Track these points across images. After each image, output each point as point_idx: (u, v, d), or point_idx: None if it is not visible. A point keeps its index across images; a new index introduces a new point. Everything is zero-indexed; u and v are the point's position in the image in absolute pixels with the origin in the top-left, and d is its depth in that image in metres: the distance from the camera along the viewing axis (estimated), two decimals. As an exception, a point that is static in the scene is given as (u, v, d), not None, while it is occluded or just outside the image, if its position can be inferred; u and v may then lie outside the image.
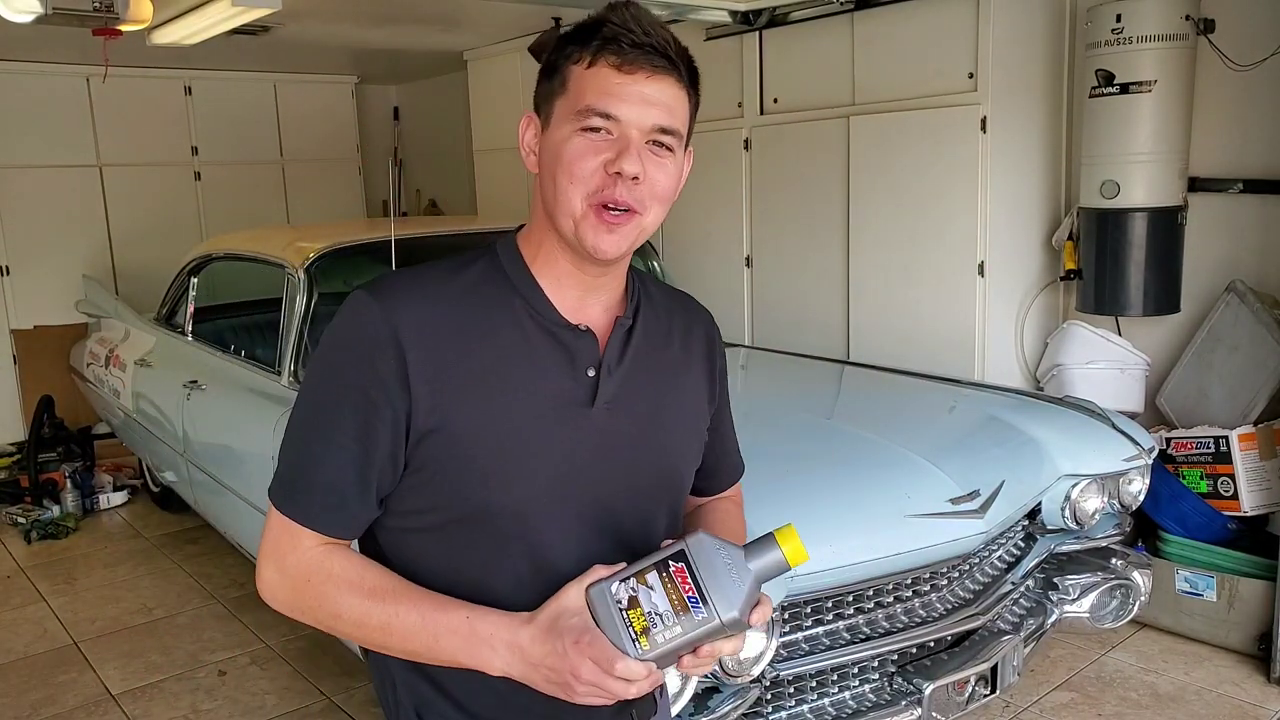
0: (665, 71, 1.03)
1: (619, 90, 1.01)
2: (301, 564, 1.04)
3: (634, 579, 0.95)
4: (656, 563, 0.96)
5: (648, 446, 1.13)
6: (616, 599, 0.94)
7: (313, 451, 1.04)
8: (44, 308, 5.81)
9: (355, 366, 1.03)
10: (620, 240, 1.04)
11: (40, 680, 3.38)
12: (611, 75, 1.01)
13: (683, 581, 0.95)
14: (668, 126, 1.04)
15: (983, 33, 3.69)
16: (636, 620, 0.94)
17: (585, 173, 1.01)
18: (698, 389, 1.23)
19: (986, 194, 3.75)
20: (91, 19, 3.43)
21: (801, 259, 4.47)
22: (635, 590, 0.95)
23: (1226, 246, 3.56)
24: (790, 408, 3.08)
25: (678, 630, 0.94)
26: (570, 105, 1.02)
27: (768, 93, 4.55)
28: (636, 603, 0.94)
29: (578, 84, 1.02)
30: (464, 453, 1.03)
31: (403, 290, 1.06)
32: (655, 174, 1.04)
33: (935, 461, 2.43)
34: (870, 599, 2.27)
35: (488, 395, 1.03)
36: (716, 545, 0.96)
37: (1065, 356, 3.73)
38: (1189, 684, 3.10)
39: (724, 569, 0.95)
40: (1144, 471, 2.80)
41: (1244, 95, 3.45)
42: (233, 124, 6.50)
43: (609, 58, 1.01)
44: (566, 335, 1.08)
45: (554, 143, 1.04)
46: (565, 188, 1.02)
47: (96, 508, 5.12)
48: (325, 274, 3.33)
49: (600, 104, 1.00)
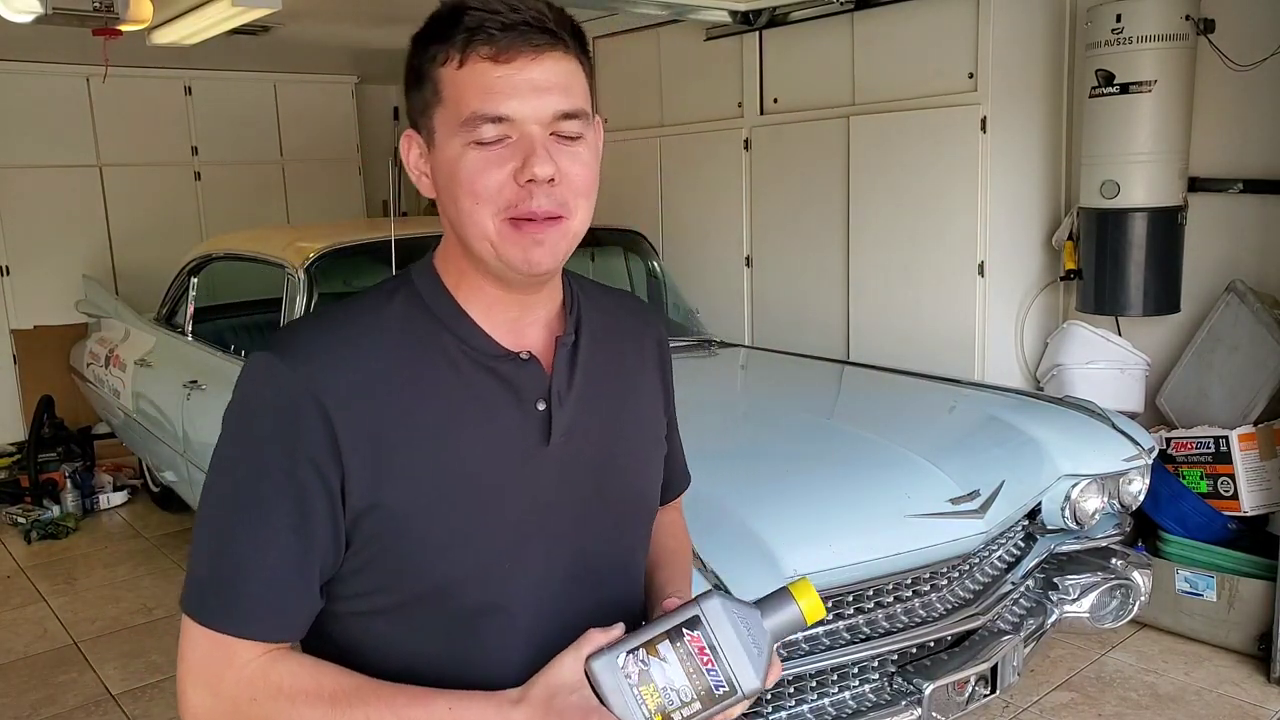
0: (549, 47, 0.88)
1: (503, 85, 0.87)
2: (242, 682, 0.87)
3: (643, 649, 0.85)
4: (668, 631, 0.86)
5: (614, 474, 1.03)
6: (626, 673, 0.84)
7: (239, 550, 0.88)
8: (44, 308, 5.80)
9: (275, 443, 0.88)
10: (551, 250, 0.91)
11: (40, 680, 3.38)
12: (489, 70, 0.87)
13: (700, 652, 0.85)
14: (569, 110, 0.89)
15: (983, 33, 3.69)
16: (650, 698, 0.84)
17: (491, 189, 0.88)
18: (653, 397, 1.13)
19: (986, 194, 3.75)
20: (91, 19, 3.43)
21: (801, 259, 4.47)
22: (646, 663, 0.84)
23: (1226, 246, 3.56)
24: (790, 408, 3.08)
25: (697, 708, 0.85)
26: (453, 116, 0.89)
27: (768, 93, 4.55)
28: (649, 678, 0.84)
29: (454, 89, 0.88)
30: (413, 524, 0.90)
31: (316, 345, 0.91)
32: (570, 168, 0.90)
33: (935, 461, 2.43)
34: (870, 599, 2.27)
35: (431, 454, 0.91)
36: (732, 607, 0.87)
37: (1065, 356, 3.73)
38: (1189, 684, 3.10)
39: (742, 634, 0.86)
40: (1144, 471, 2.80)
41: (1244, 95, 3.45)
42: (233, 124, 6.49)
43: (481, 49, 0.87)
44: (507, 367, 0.95)
45: (446, 162, 0.90)
46: (471, 210, 0.89)
47: (96, 508, 5.12)
48: (325, 274, 3.33)
49: (486, 107, 0.87)
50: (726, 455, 2.54)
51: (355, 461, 0.88)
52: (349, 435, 0.88)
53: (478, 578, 0.93)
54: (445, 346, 0.94)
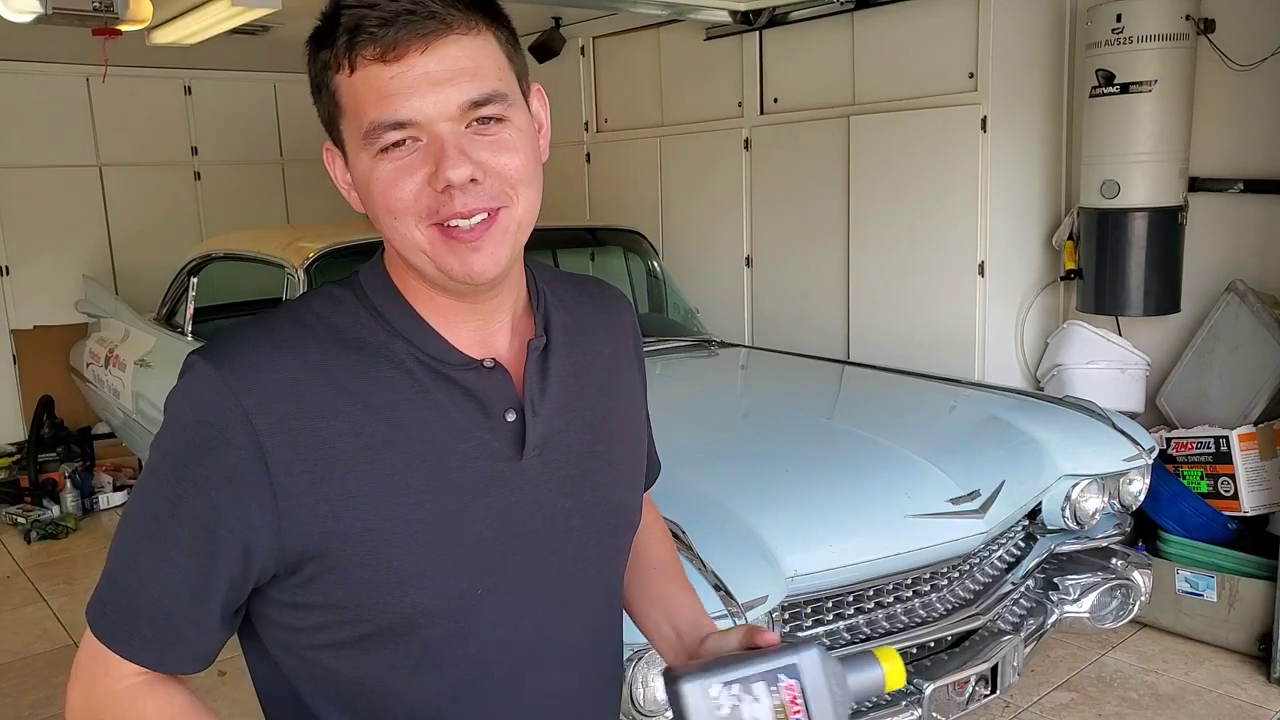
0: (441, 33, 0.78)
1: (396, 86, 0.77)
2: (110, 694, 0.83)
3: (739, 685, 0.81)
4: (765, 673, 0.83)
5: (594, 487, 0.94)
6: (718, 703, 0.80)
7: (139, 566, 0.83)
8: (44, 308, 5.80)
9: (196, 460, 0.80)
10: (496, 252, 0.82)
11: (40, 680, 3.37)
12: (379, 71, 0.78)
13: (792, 701, 0.82)
14: (479, 97, 0.79)
15: (983, 33, 3.69)
16: None
17: (407, 199, 0.80)
18: (632, 392, 1.04)
19: (986, 194, 3.75)
20: (91, 19, 3.43)
21: (801, 259, 4.47)
22: (739, 699, 0.81)
23: (1226, 246, 3.56)
24: (790, 408, 3.08)
25: None
26: (355, 128, 0.81)
27: (768, 93, 4.55)
28: (739, 714, 0.80)
29: (350, 98, 0.80)
30: (371, 553, 0.81)
31: (253, 354, 0.82)
32: (495, 159, 0.80)
33: (935, 461, 2.43)
34: (870, 599, 2.27)
35: (387, 475, 0.82)
36: (828, 664, 0.85)
37: (1065, 356, 3.73)
38: (1189, 684, 3.10)
39: (834, 691, 0.84)
40: (1144, 471, 2.80)
41: (1244, 95, 3.45)
42: (233, 124, 6.49)
43: (366, 50, 0.78)
44: (469, 376, 0.86)
45: (361, 178, 0.83)
46: (393, 224, 0.81)
47: (96, 508, 5.12)
48: (325, 274, 3.33)
49: (384, 114, 0.78)
50: (727, 455, 2.54)
51: (296, 487, 0.79)
52: (287, 458, 0.79)
53: (447, 607, 0.85)
54: (399, 356, 0.85)
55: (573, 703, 0.96)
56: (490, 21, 0.82)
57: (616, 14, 4.64)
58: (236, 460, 0.79)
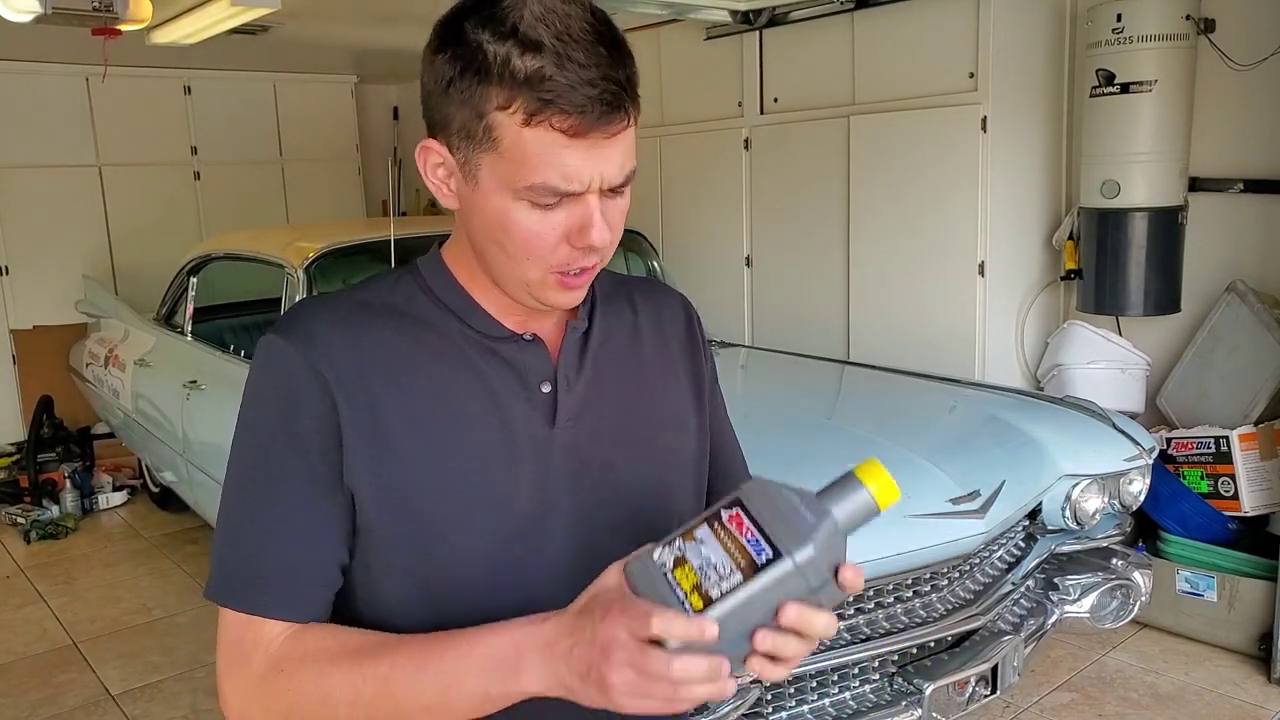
0: (623, 126, 0.84)
1: (574, 161, 0.82)
2: (271, 659, 0.86)
3: (680, 539, 0.76)
4: (706, 516, 0.76)
5: (628, 463, 0.98)
6: (660, 563, 0.75)
7: (257, 533, 0.89)
8: (44, 308, 5.80)
9: (282, 424, 0.88)
10: (583, 292, 0.92)
11: (40, 680, 3.37)
12: (560, 141, 0.81)
13: (739, 526, 0.74)
14: (624, 180, 0.87)
15: (983, 33, 3.69)
16: (685, 579, 0.72)
17: (546, 249, 0.86)
18: (680, 386, 1.06)
19: (986, 194, 3.75)
20: (91, 19, 3.43)
21: (801, 259, 4.46)
22: (682, 549, 0.74)
23: (1227, 246, 3.56)
24: (790, 408, 3.08)
25: (738, 579, 0.71)
26: (512, 173, 0.83)
27: (768, 93, 4.55)
28: (684, 562, 0.74)
29: (517, 149, 0.81)
30: (414, 505, 0.89)
31: (319, 326, 0.90)
32: (617, 223, 0.89)
33: (935, 461, 2.43)
34: (870, 599, 2.27)
35: (431, 434, 0.89)
36: (780, 487, 0.76)
37: (1065, 356, 3.73)
38: (1189, 684, 3.10)
39: (792, 507, 0.74)
40: (1144, 471, 2.80)
41: (1244, 95, 3.45)
42: (232, 124, 6.49)
43: (554, 119, 0.80)
44: (510, 348, 0.93)
45: (491, 209, 0.86)
46: (520, 261, 0.87)
47: (96, 508, 5.12)
48: (325, 274, 3.33)
49: (556, 182, 0.82)
50: (726, 455, 2.54)
51: (354, 438, 0.87)
52: (348, 411, 0.87)
53: (481, 565, 0.90)
54: (448, 330, 0.93)
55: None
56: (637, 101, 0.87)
57: (616, 14, 4.64)
58: (317, 415, 0.87)
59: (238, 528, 0.90)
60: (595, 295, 1.01)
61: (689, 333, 1.09)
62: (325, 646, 0.85)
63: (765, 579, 0.70)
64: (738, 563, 0.72)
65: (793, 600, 0.71)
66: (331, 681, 0.83)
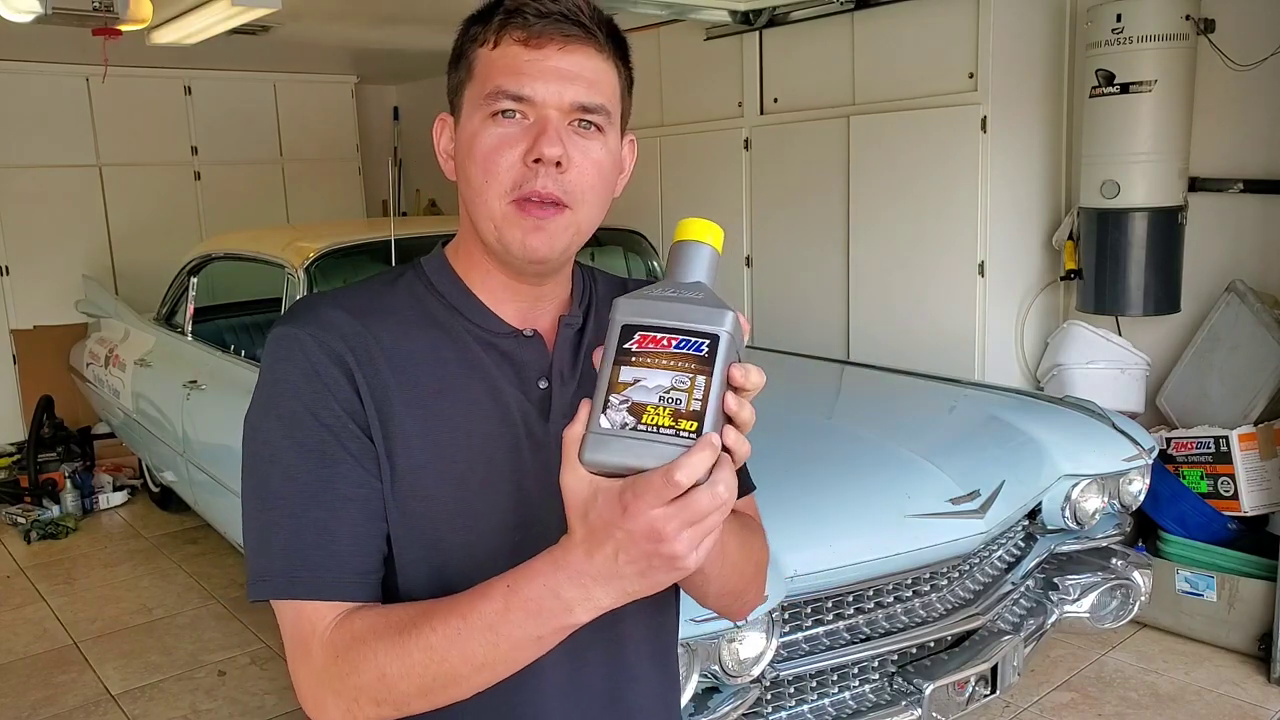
0: (580, 41, 0.91)
1: (529, 67, 0.89)
2: (327, 644, 0.86)
3: (609, 396, 0.71)
4: (614, 361, 0.72)
5: None
6: (616, 431, 0.70)
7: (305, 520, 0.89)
8: (44, 308, 5.80)
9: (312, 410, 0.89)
10: (551, 239, 0.91)
11: (40, 680, 3.37)
12: (519, 52, 0.90)
13: (655, 343, 0.72)
14: (589, 103, 0.90)
15: (983, 33, 3.69)
16: (658, 417, 0.70)
17: (501, 167, 0.90)
18: None
19: (986, 194, 3.75)
20: (91, 19, 3.43)
21: (801, 259, 4.47)
22: (629, 398, 0.71)
23: (1226, 246, 3.56)
24: (790, 408, 3.08)
25: (701, 381, 0.71)
26: (478, 91, 0.92)
27: (768, 93, 4.55)
28: (639, 408, 0.70)
29: (484, 68, 0.92)
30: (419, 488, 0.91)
31: (332, 314, 0.93)
32: (583, 159, 0.91)
33: (935, 461, 2.43)
34: (870, 599, 2.27)
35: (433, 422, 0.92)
36: (640, 293, 0.75)
37: (1065, 356, 3.73)
38: (1189, 684, 3.10)
39: (675, 296, 0.74)
40: (1144, 471, 2.80)
41: (1244, 95, 3.45)
42: (232, 124, 6.50)
43: (514, 32, 0.90)
44: (509, 343, 0.96)
45: (466, 137, 0.93)
46: (481, 186, 0.91)
47: (96, 508, 5.12)
48: (325, 274, 3.33)
49: (509, 84, 0.89)
50: (726, 455, 2.54)
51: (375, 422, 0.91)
52: (368, 395, 0.91)
53: (487, 547, 0.91)
54: (451, 325, 0.96)
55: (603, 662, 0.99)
56: (620, 59, 0.96)
57: (616, 14, 4.63)
58: (346, 396, 0.90)
59: (272, 523, 0.90)
60: (593, 295, 1.04)
61: None
62: (372, 625, 0.85)
63: (719, 363, 0.72)
64: (687, 368, 0.71)
65: (734, 364, 0.73)
66: (383, 659, 0.82)
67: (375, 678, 0.83)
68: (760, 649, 2.00)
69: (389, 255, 3.11)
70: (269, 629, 3.65)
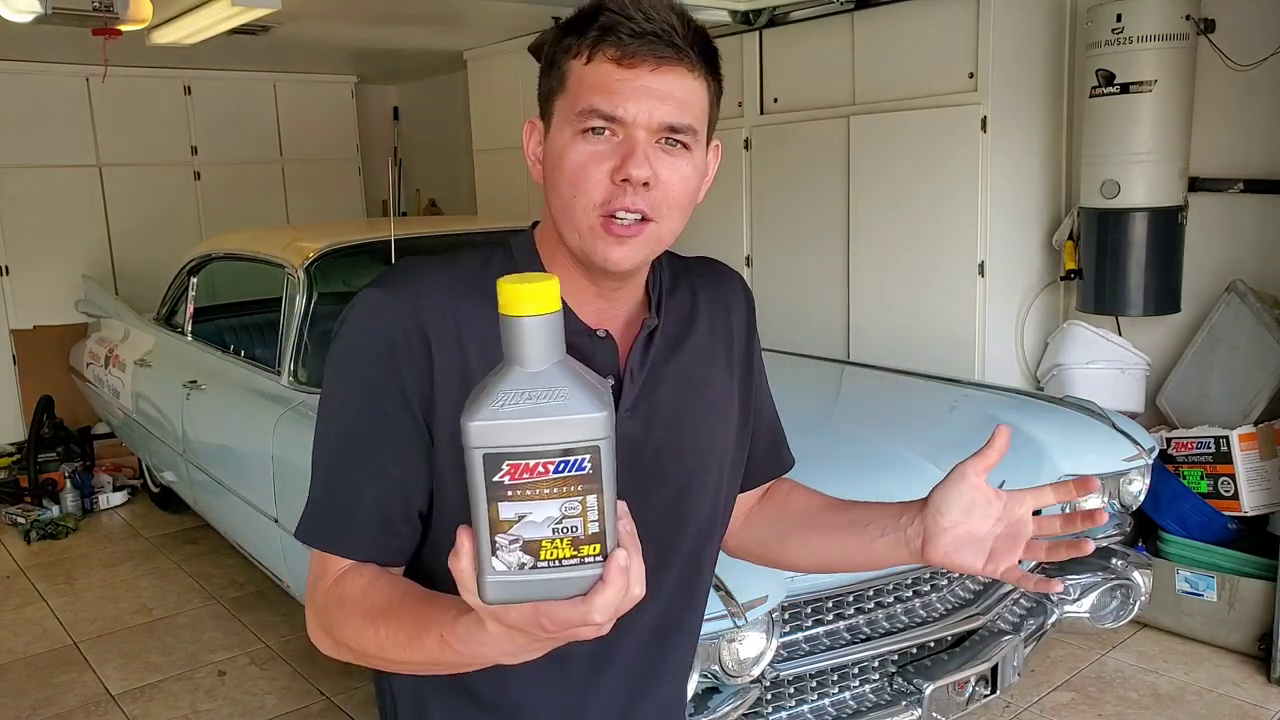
0: (673, 62, 0.91)
1: (620, 87, 0.90)
2: (325, 592, 0.93)
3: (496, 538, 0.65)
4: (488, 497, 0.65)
5: (676, 448, 1.04)
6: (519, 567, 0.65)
7: (343, 480, 0.95)
8: (44, 308, 5.81)
9: (382, 381, 0.93)
10: (633, 251, 0.94)
11: (40, 680, 3.37)
12: (611, 70, 0.91)
13: (529, 471, 0.64)
14: (677, 124, 0.92)
15: (983, 33, 3.69)
16: (557, 550, 0.65)
17: (590, 182, 0.92)
18: (727, 371, 1.14)
19: (986, 194, 3.75)
20: (91, 19, 3.43)
21: (801, 259, 4.46)
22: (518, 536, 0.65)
23: (1226, 246, 3.56)
24: (790, 408, 3.07)
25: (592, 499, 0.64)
26: (569, 106, 0.93)
27: (768, 93, 4.55)
28: (535, 545, 0.65)
29: (577, 81, 0.93)
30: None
31: (424, 284, 0.96)
32: (669, 175, 0.93)
33: (935, 461, 2.43)
34: (870, 599, 2.27)
35: None
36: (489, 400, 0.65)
37: (1065, 356, 3.73)
38: (1189, 684, 3.10)
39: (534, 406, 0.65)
40: (1144, 471, 2.80)
41: (1244, 95, 3.45)
42: (233, 124, 6.50)
43: (607, 50, 0.91)
44: (583, 341, 0.98)
45: (556, 149, 0.95)
46: (570, 200, 0.93)
47: (96, 508, 5.12)
48: (325, 274, 3.33)
49: (601, 103, 0.90)
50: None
51: (444, 401, 0.92)
52: (443, 374, 0.92)
53: None
54: None
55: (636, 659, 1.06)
56: (711, 75, 0.96)
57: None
58: (417, 374, 0.92)
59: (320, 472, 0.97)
60: (663, 290, 1.07)
61: (749, 319, 1.19)
62: (354, 598, 0.90)
63: (606, 473, 0.65)
64: (574, 491, 0.64)
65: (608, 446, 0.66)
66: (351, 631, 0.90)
67: (348, 637, 0.90)
68: (760, 649, 2.00)
69: (389, 255, 3.11)
70: (269, 629, 3.65)
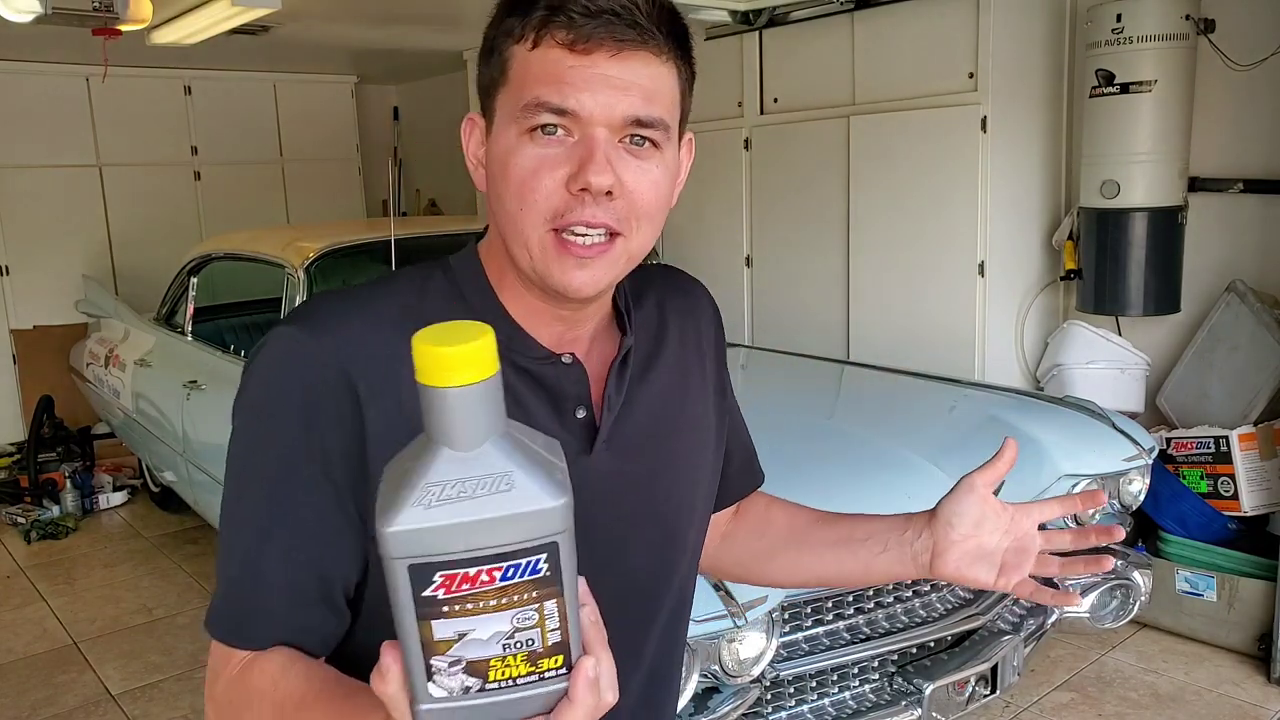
0: (636, 45, 0.76)
1: (573, 75, 0.75)
2: (229, 690, 0.78)
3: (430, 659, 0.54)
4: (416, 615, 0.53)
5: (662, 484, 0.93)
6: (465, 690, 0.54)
7: (251, 559, 0.79)
8: (44, 308, 5.80)
9: (298, 440, 0.77)
10: (597, 275, 0.79)
11: (40, 680, 3.37)
12: (562, 57, 0.75)
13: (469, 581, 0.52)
14: (645, 117, 0.78)
15: (983, 33, 3.69)
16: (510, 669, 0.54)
17: (540, 194, 0.76)
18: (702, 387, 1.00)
19: (986, 194, 3.75)
20: (91, 19, 3.43)
21: (801, 259, 4.47)
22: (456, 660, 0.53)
23: (1226, 246, 3.56)
24: (790, 408, 3.08)
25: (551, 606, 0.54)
26: (513, 100, 0.77)
27: (768, 93, 4.55)
28: (482, 665, 0.54)
29: (521, 71, 0.77)
30: None
31: (344, 319, 0.79)
32: (636, 181, 0.78)
33: (935, 461, 2.43)
34: (870, 599, 2.27)
35: None
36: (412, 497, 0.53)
37: (1065, 356, 3.73)
38: (1189, 684, 3.10)
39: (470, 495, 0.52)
40: (1144, 471, 2.80)
41: (1244, 95, 3.45)
42: (232, 124, 6.50)
43: (556, 33, 0.75)
44: (545, 369, 0.85)
45: (499, 151, 0.79)
46: (516, 213, 0.78)
47: (96, 508, 5.12)
48: (325, 274, 3.33)
49: (549, 95, 0.75)
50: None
51: (379, 464, 0.71)
52: (377, 429, 0.77)
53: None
54: None
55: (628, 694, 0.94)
56: (681, 58, 0.83)
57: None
58: (340, 426, 0.77)
59: (229, 546, 0.81)
60: (628, 301, 0.93)
61: (718, 332, 1.04)
62: (260, 688, 0.77)
63: (566, 570, 0.55)
64: (528, 599, 0.53)
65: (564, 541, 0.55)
66: None
67: None
68: (760, 649, 2.00)
69: (389, 255, 3.11)
70: (269, 629, 3.65)
